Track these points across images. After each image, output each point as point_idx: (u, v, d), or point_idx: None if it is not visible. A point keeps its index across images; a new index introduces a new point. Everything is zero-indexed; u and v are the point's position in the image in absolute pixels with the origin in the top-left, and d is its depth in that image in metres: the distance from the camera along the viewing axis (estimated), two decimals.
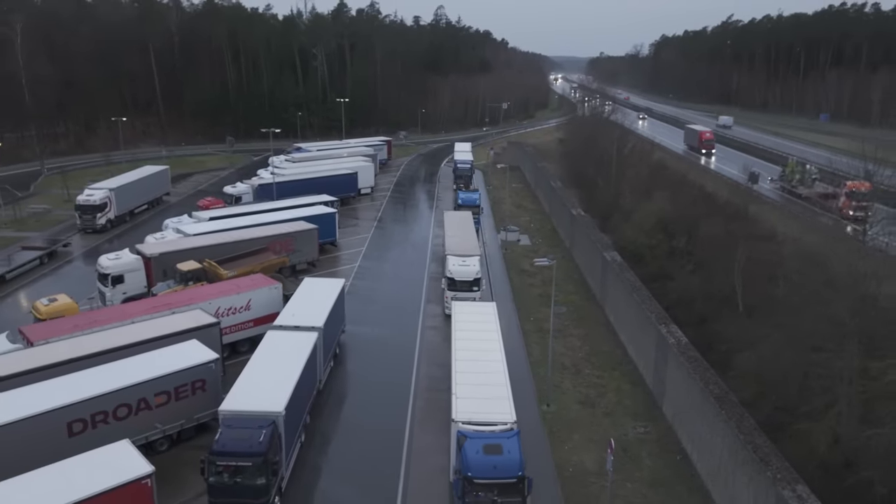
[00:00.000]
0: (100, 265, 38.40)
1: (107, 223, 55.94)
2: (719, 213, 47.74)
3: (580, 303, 43.03)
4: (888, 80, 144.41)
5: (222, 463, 21.12)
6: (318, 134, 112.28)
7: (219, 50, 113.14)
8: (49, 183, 75.62)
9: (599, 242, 44.82)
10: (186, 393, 26.00)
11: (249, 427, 21.92)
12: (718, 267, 39.68)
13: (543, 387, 31.17)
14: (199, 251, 40.33)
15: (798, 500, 18.79)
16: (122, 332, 28.29)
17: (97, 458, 20.18)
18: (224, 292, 33.65)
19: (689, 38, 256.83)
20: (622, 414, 29.65)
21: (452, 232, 46.63)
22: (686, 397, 27.07)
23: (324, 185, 63.12)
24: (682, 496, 24.17)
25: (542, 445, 26.89)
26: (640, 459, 26.38)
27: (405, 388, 31.42)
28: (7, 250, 48.31)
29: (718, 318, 36.41)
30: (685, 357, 27.59)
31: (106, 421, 23.82)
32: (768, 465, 20.35)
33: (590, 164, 72.76)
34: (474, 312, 32.46)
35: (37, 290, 41.49)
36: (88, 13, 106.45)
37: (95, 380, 24.34)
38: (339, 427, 28.49)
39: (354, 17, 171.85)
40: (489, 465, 20.62)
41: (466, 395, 24.02)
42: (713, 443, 24.15)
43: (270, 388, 24.17)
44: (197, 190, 74.79)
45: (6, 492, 18.49)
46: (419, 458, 25.93)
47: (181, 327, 28.91)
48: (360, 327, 37.56)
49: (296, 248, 45.53)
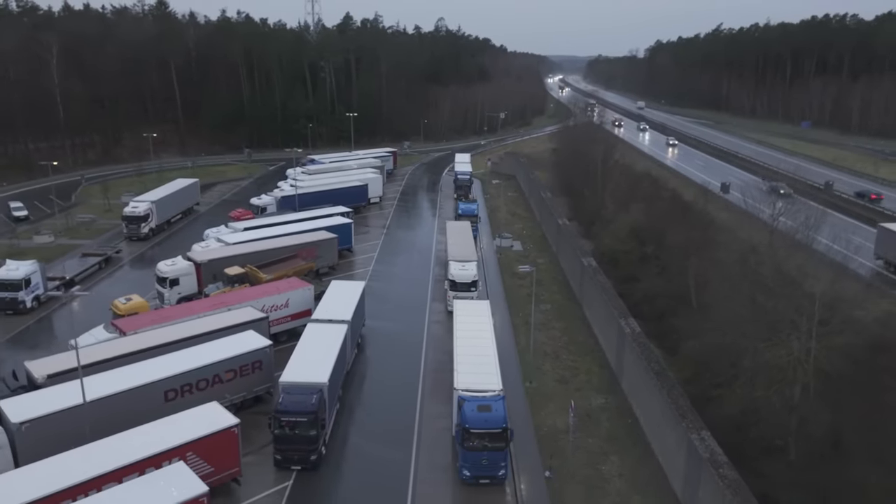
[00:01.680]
0: (159, 270, 45.94)
1: (149, 232, 63.46)
2: (685, 222, 54.89)
3: (562, 301, 50.57)
4: (867, 89, 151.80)
5: (285, 419, 28.63)
6: (327, 143, 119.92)
7: (234, 65, 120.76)
8: (87, 193, 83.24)
9: (579, 249, 52.41)
10: (248, 371, 33.52)
11: (303, 393, 29.44)
12: (678, 270, 47.09)
13: (528, 368, 38.76)
14: (239, 258, 47.93)
15: (701, 440, 26.35)
16: (193, 324, 35.83)
17: (198, 414, 27.73)
18: (267, 293, 41.22)
19: (682, 44, 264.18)
20: (589, 389, 37.19)
21: (453, 240, 54.21)
22: (637, 375, 34.60)
23: (338, 196, 70.86)
24: (629, 447, 31.70)
25: (525, 412, 34.40)
26: (600, 422, 33.92)
27: (416, 370, 38.97)
28: (69, 256, 55.94)
29: (675, 313, 43.76)
30: (637, 343, 35.15)
31: (191, 391, 31.32)
32: (685, 418, 27.91)
33: (578, 174, 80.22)
34: (472, 309, 39.97)
35: (101, 291, 48.94)
36: (113, 32, 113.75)
37: (181, 360, 31.86)
38: (364, 399, 36.04)
39: (359, 27, 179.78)
40: (481, 419, 28.15)
41: (465, 371, 31.52)
42: (652, 407, 31.71)
43: (316, 365, 31.69)
44: (222, 200, 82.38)
45: (139, 436, 25.97)
46: (428, 422, 33.46)
47: (239, 321, 36.46)
48: (377, 322, 45.05)
49: (319, 254, 53.03)
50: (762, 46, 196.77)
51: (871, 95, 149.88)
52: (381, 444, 31.57)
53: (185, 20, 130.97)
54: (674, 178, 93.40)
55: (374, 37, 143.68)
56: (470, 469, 28.20)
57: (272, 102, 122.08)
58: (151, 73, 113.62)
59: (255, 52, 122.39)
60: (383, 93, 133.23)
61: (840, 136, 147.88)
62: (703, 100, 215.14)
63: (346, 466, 29.99)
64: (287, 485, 28.46)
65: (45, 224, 67.29)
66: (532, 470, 29.80)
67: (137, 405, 28.96)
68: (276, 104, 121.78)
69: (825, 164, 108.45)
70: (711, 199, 74.30)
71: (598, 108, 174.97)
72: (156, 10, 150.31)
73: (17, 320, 44.09)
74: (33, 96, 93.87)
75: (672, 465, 29.12)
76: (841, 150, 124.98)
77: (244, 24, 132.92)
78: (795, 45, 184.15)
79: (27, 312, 44.98)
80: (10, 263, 46.04)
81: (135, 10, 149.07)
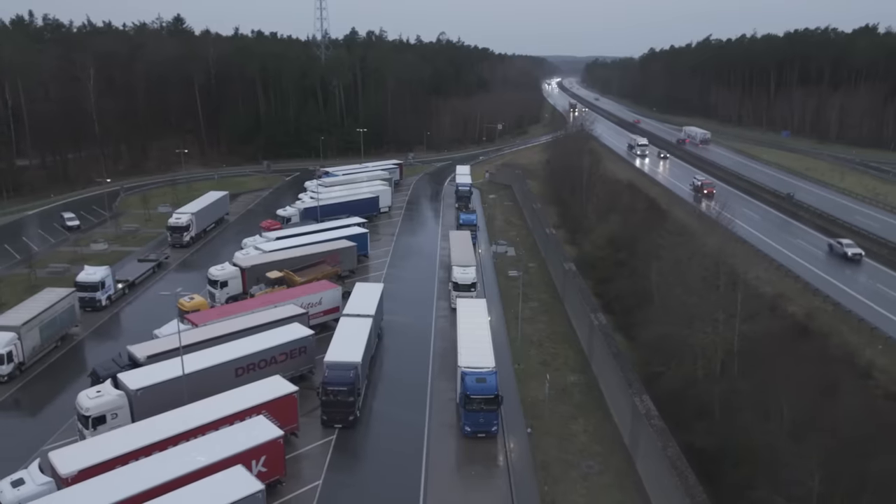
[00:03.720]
0: (210, 274, 55.14)
1: (189, 240, 72.67)
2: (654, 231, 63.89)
3: (548, 299, 59.82)
4: (845, 99, 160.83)
5: (330, 388, 37.84)
6: (336, 154, 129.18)
7: (251, 81, 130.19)
8: (125, 203, 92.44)
9: (562, 255, 61.72)
10: (296, 354, 42.73)
11: (343, 369, 38.69)
12: (644, 273, 56.30)
13: (517, 353, 48.00)
14: (275, 263, 57.18)
15: (641, 401, 35.59)
16: (250, 318, 45.08)
17: (267, 383, 36.94)
18: (305, 292, 50.50)
19: (674, 52, 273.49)
20: (565, 370, 46.42)
21: (456, 248, 63.45)
22: (602, 358, 43.85)
23: (353, 207, 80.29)
24: (593, 412, 40.94)
25: (513, 386, 43.60)
26: (573, 395, 43.14)
27: (426, 354, 48.21)
28: (126, 261, 65.21)
29: (639, 308, 52.99)
30: (602, 333, 44.43)
31: (253, 369, 40.52)
32: (631, 386, 37.17)
33: (566, 186, 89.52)
34: (471, 306, 49.20)
35: (156, 291, 58.11)
36: (140, 52, 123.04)
37: (246, 345, 41.07)
38: (386, 376, 45.25)
39: (365, 39, 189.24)
40: (479, 387, 37.37)
41: (466, 353, 40.71)
42: (611, 381, 40.97)
43: (350, 349, 40.94)
44: (247, 209, 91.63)
45: (225, 399, 35.14)
46: (437, 394, 42.70)
47: (285, 315, 45.73)
48: (393, 316, 54.18)
49: (341, 259, 62.27)
50: (749, 58, 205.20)
51: (849, 105, 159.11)
52: (401, 409, 40.85)
53: (204, 37, 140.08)
54: (654, 187, 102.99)
55: (381, 56, 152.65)
56: (470, 426, 37.45)
57: (286, 116, 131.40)
58: (175, 89, 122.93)
59: (270, 70, 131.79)
60: (389, 107, 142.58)
61: (818, 145, 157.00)
62: (692, 108, 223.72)
63: (375, 425, 39.28)
64: (331, 439, 37.71)
65: (96, 233, 76.57)
66: (517, 427, 39.04)
67: (216, 379, 38.16)
68: (290, 118, 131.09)
69: (795, 173, 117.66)
70: (686, 207, 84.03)
71: (582, 110, 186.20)
72: (173, 27, 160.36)
73: (94, 316, 53.37)
74: (70, 112, 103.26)
75: (623, 422, 38.41)
76: (815, 160, 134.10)
77: (260, 44, 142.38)
78: (779, 57, 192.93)
79: (102, 309, 54.27)
80: (88, 269, 55.34)
81: (153, 26, 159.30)
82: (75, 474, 28.41)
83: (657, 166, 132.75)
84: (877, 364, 46.08)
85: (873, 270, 66.26)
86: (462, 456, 36.68)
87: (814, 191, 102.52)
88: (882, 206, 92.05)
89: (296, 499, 32.57)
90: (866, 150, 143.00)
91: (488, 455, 36.63)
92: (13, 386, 42.45)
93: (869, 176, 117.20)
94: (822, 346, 48.56)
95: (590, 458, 36.45)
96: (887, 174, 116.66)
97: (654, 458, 32.79)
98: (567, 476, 34.93)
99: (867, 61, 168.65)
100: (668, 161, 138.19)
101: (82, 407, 34.33)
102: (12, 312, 45.41)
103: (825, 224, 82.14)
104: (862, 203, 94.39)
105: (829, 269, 66.37)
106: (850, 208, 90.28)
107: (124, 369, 38.51)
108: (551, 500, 32.93)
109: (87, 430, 34.17)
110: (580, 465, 35.77)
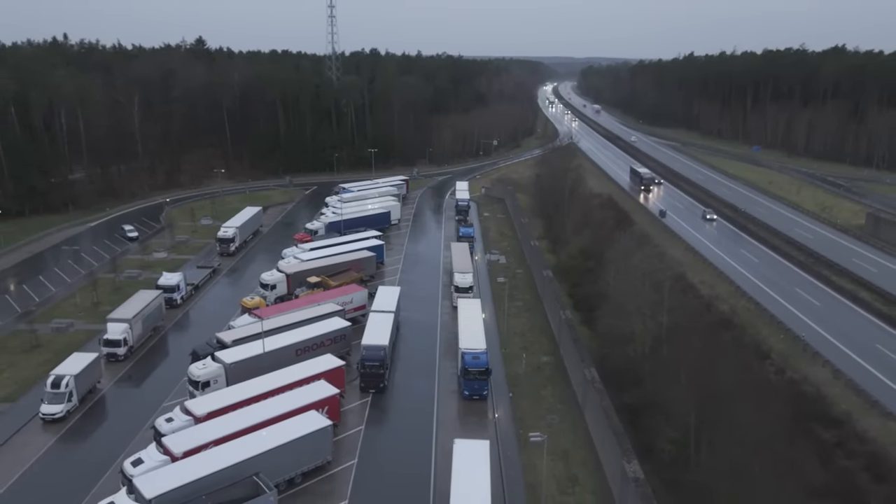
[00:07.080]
0: (262, 278, 69.67)
1: (234, 250, 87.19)
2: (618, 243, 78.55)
3: (530, 300, 74.44)
4: (813, 115, 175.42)
5: (368, 363, 52.40)
6: (348, 168, 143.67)
7: (272, 104, 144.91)
8: (169, 216, 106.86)
9: (542, 264, 76.46)
10: (338, 340, 57.26)
11: (375, 350, 53.28)
12: (607, 276, 70.93)
13: (504, 341, 62.64)
14: (312, 270, 71.77)
15: (588, 371, 50.24)
16: (303, 312, 59.62)
17: (322, 359, 51.47)
18: (340, 293, 65.10)
19: (661, 66, 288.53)
20: (540, 353, 61.02)
21: (456, 257, 78.06)
22: (566, 343, 58.49)
23: (368, 221, 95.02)
24: (559, 382, 55.56)
25: (500, 364, 58.15)
26: (544, 371, 57.76)
27: (434, 341, 62.80)
28: (186, 267, 79.73)
29: (599, 306, 67.61)
30: (566, 324, 59.10)
31: (308, 351, 54.91)
32: (583, 361, 51.83)
33: (551, 202, 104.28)
34: (469, 304, 63.79)
35: (213, 292, 72.57)
36: (174, 80, 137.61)
37: (303, 332, 55.58)
38: (404, 358, 59.77)
39: (370, 55, 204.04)
40: (474, 363, 51.92)
41: (464, 338, 55.31)
42: (572, 360, 55.62)
43: (380, 335, 55.53)
44: (275, 222, 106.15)
45: (295, 369, 49.67)
46: (443, 369, 57.31)
47: (328, 311, 60.31)
48: (407, 313, 68.58)
49: (363, 266, 76.81)
50: (729, 74, 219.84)
51: (816, 121, 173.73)
52: (417, 379, 55.52)
53: (227, 62, 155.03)
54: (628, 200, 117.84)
55: (386, 78, 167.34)
56: (467, 390, 51.99)
57: (303, 135, 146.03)
58: (205, 111, 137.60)
59: (289, 93, 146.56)
60: (395, 125, 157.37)
61: (786, 159, 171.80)
62: (677, 120, 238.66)
63: (399, 390, 53.92)
64: (367, 400, 52.27)
65: (154, 243, 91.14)
66: (502, 392, 53.66)
67: (283, 357, 52.68)
68: (307, 136, 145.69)
69: (755, 188, 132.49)
70: (653, 220, 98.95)
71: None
72: (196, 47, 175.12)
73: (172, 312, 67.85)
74: (118, 133, 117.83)
75: (577, 388, 53.06)
76: (777, 174, 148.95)
77: (279, 69, 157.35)
78: (755, 74, 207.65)
79: (177, 307, 68.81)
80: (166, 274, 69.90)
81: (178, 49, 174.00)
82: (205, 415, 43.01)
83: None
84: (775, 349, 60.88)
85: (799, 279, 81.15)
86: (461, 411, 51.28)
87: (770, 205, 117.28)
88: (825, 221, 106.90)
89: (348, 437, 47.14)
90: (828, 165, 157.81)
91: (480, 411, 51.24)
92: (127, 364, 57.01)
93: (822, 191, 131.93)
94: (739, 335, 63.56)
95: (554, 413, 51.06)
96: (838, 189, 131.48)
97: (594, 410, 47.43)
98: (536, 425, 49.39)
99: (834, 80, 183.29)
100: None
101: (194, 375, 48.87)
102: (122, 308, 59.85)
103: (768, 236, 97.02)
104: (808, 217, 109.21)
105: (763, 277, 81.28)
106: (795, 221, 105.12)
107: (216, 350, 53.09)
108: (524, 438, 47.58)
109: (196, 392, 48.65)
110: (546, 418, 50.36)
